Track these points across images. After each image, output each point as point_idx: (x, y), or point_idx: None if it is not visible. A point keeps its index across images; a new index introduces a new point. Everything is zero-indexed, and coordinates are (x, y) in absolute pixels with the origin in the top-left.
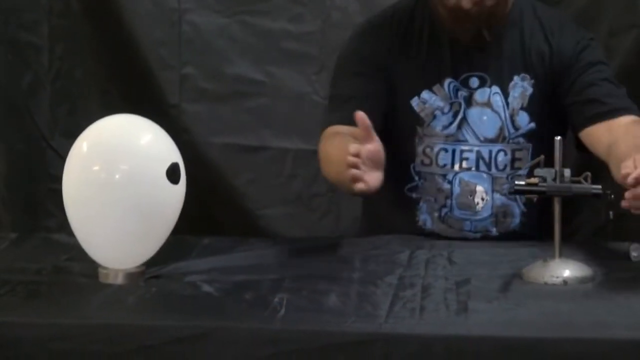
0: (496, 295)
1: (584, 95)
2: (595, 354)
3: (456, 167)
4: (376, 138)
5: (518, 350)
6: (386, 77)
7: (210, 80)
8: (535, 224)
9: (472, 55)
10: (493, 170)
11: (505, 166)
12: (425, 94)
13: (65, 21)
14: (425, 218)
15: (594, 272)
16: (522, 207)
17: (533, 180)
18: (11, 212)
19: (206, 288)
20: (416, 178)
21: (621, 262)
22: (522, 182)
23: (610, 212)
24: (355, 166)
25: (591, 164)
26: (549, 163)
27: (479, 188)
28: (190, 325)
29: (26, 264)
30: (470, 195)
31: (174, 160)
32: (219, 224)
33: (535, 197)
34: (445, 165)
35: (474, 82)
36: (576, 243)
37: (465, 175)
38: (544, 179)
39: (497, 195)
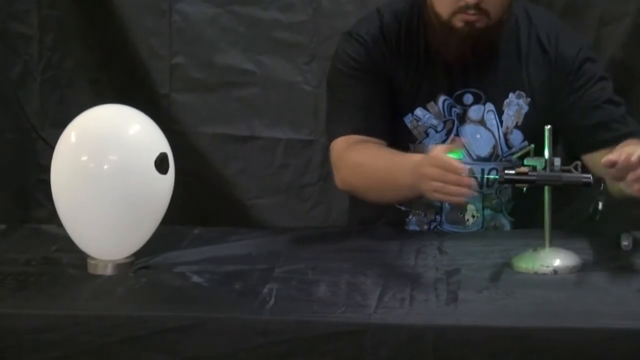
0: (486, 284)
1: (587, 120)
2: (585, 343)
3: None
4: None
5: (508, 340)
6: (383, 87)
7: (201, 70)
8: (522, 221)
9: (468, 71)
10: (484, 188)
11: (494, 182)
12: (419, 112)
13: (55, 11)
14: (414, 229)
15: (584, 261)
16: (509, 217)
17: (523, 169)
18: (0, 203)
19: (196, 278)
20: None
21: (612, 251)
22: (512, 171)
23: (600, 202)
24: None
25: None
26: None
27: (470, 206)
28: (179, 316)
29: (15, 255)
30: (461, 213)
31: (163, 151)
32: (209, 214)
33: (525, 186)
34: None
35: (468, 98)
36: (566, 232)
37: None
38: (534, 168)
39: (487, 211)
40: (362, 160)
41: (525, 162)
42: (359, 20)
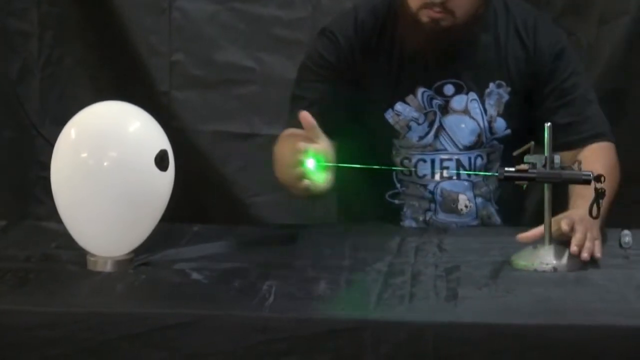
0: (486, 282)
1: (557, 117)
2: (585, 341)
3: (437, 177)
4: (324, 138)
5: (508, 337)
6: (353, 86)
7: (200, 67)
8: (511, 217)
9: (446, 63)
10: (472, 176)
11: (481, 170)
12: (399, 106)
13: (54, 8)
14: (410, 223)
15: (584, 259)
16: (495, 205)
17: (523, 166)
18: (0, 200)
19: (195, 276)
20: (398, 185)
21: (612, 248)
22: (512, 169)
23: (600, 201)
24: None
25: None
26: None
27: (462, 197)
28: (178, 313)
29: (15, 251)
30: (454, 204)
31: (163, 148)
32: (208, 211)
33: (525, 184)
34: (425, 175)
35: (449, 89)
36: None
37: (446, 185)
38: (534, 166)
39: (478, 200)
40: (277, 154)
41: (525, 159)
42: (334, 18)
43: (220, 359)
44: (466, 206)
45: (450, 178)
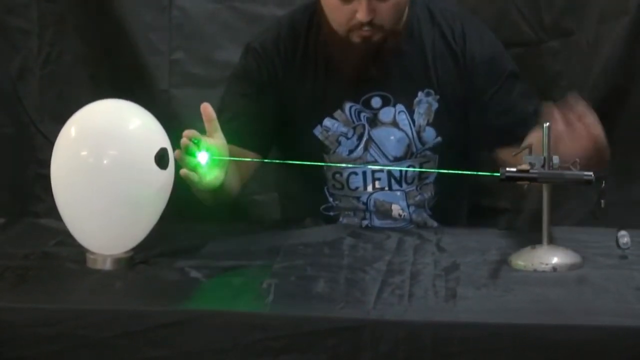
0: (485, 282)
1: (501, 120)
2: (584, 341)
3: (369, 188)
4: (220, 135)
5: (506, 337)
6: (279, 103)
7: (200, 65)
8: (447, 222)
9: (372, 75)
10: (404, 185)
11: (414, 179)
12: (327, 122)
13: (54, 6)
14: None
15: (583, 259)
16: (429, 211)
17: (524, 166)
18: None
19: (194, 274)
20: (330, 199)
21: (610, 248)
22: (514, 169)
23: (602, 201)
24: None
25: None
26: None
27: (395, 207)
28: (177, 311)
29: (14, 249)
30: (388, 213)
31: (163, 146)
32: (207, 209)
33: (526, 184)
34: (357, 188)
35: (377, 102)
36: (565, 230)
37: (379, 195)
38: (533, 166)
39: (412, 208)
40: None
41: (525, 159)
42: (259, 31)
43: (219, 357)
44: (400, 215)
45: (382, 189)
